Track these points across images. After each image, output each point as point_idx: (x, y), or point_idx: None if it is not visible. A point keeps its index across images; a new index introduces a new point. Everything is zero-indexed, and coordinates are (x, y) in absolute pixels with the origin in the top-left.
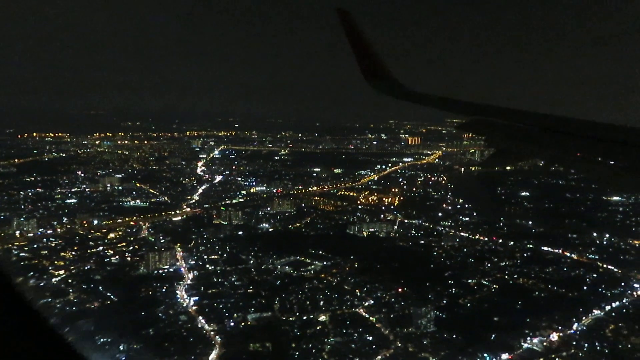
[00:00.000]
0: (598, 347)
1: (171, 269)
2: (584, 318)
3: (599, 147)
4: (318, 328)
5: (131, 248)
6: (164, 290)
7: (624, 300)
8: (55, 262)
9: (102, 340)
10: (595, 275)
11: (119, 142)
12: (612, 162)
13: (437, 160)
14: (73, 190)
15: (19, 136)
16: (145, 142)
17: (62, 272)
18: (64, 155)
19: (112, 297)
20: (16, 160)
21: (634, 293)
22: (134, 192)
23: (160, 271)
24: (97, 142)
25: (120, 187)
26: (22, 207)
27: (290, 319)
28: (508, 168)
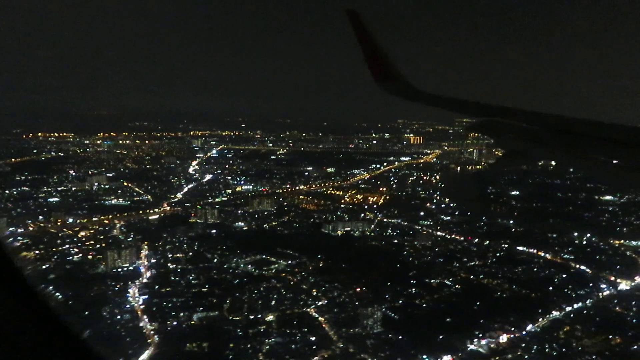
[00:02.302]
0: (547, 350)
1: (131, 267)
2: (540, 319)
3: (611, 149)
4: (262, 328)
5: (98, 246)
6: (116, 288)
7: (587, 302)
8: None
9: None
10: (564, 275)
11: (121, 141)
12: (625, 164)
13: (434, 159)
14: (59, 189)
15: (24, 136)
16: (147, 141)
17: None
18: (62, 154)
19: (59, 296)
20: (13, 159)
21: (600, 294)
22: (120, 191)
23: (119, 269)
24: (98, 142)
25: (107, 186)
26: (2, 206)
27: (237, 318)
28: (506, 169)
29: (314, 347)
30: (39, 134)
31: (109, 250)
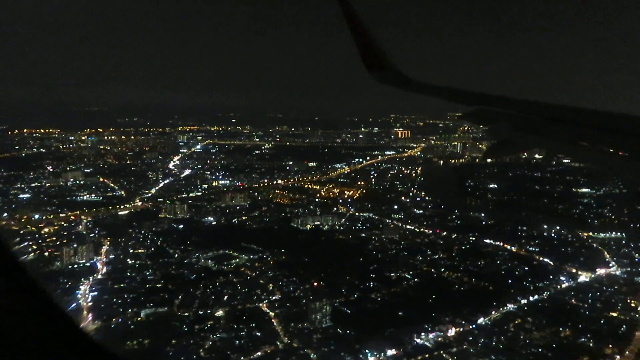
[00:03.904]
0: (494, 343)
1: (87, 264)
2: (493, 312)
3: (604, 137)
4: (209, 324)
5: (58, 243)
6: (67, 286)
7: (544, 294)
8: None
9: None
10: (526, 268)
11: (106, 137)
12: (618, 152)
13: (419, 153)
14: (32, 185)
15: (9, 132)
16: (133, 137)
17: None
18: (43, 150)
19: None
20: None
21: (558, 286)
22: (94, 187)
23: (75, 266)
24: (83, 138)
25: (82, 182)
26: None
27: (186, 314)
28: (489, 160)
29: (258, 342)
30: (25, 130)
31: (66, 247)
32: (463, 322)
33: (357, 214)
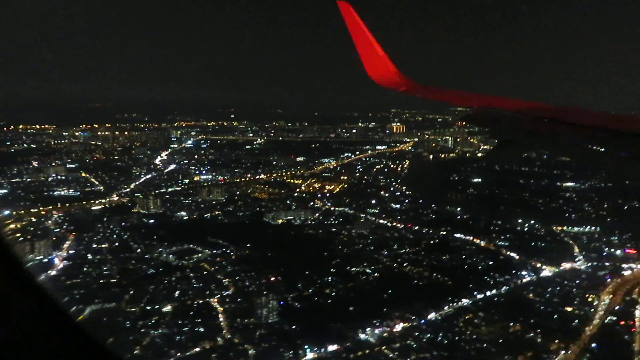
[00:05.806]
0: (439, 339)
1: (45, 260)
2: (446, 308)
3: (604, 137)
4: (154, 319)
5: (22, 239)
6: None
7: (502, 289)
8: None
9: None
10: (491, 262)
11: (99, 133)
12: (617, 152)
13: (410, 147)
14: (13, 181)
15: (5, 129)
16: (126, 133)
17: None
18: (33, 146)
19: None
20: None
21: (519, 281)
22: (74, 182)
23: (31, 262)
24: (76, 134)
25: (62, 177)
26: None
27: (133, 309)
28: (479, 155)
29: (198, 338)
30: (20, 126)
31: (22, 243)
32: (413, 318)
33: (332, 208)
